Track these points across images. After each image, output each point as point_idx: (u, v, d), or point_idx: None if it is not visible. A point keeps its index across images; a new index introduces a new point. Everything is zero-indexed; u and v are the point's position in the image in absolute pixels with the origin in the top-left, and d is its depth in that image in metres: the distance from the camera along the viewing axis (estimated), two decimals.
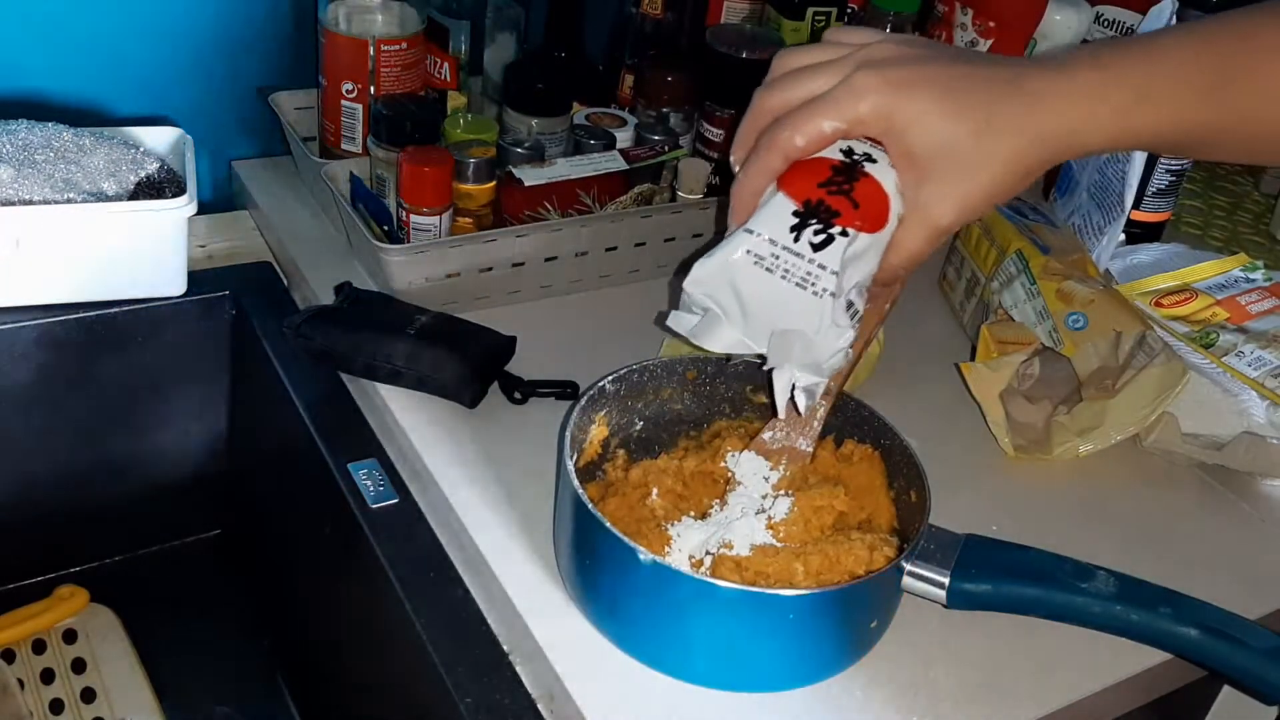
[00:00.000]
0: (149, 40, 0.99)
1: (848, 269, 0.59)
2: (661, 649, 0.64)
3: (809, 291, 0.59)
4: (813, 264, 0.59)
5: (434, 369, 0.80)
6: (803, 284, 0.59)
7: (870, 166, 0.60)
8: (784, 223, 0.60)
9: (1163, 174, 1.08)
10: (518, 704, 0.64)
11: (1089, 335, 0.85)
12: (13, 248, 0.84)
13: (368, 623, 0.79)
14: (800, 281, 0.59)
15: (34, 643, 0.92)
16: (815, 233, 0.59)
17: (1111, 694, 0.68)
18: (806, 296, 0.59)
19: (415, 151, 0.85)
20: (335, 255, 0.96)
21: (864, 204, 0.60)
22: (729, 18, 1.10)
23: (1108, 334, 0.84)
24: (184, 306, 0.93)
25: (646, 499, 0.69)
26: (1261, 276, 1.00)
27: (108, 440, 0.97)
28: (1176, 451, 0.84)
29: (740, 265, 0.60)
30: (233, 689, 0.95)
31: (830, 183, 0.60)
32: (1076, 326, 0.86)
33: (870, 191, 0.60)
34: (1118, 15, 1.06)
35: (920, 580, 0.65)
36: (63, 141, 0.87)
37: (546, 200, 0.91)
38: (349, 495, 0.76)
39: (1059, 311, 0.87)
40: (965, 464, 0.81)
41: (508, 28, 1.06)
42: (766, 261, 0.60)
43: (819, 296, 0.59)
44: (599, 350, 0.85)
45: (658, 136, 0.98)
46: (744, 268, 0.60)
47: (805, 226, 0.59)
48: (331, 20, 0.93)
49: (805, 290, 0.59)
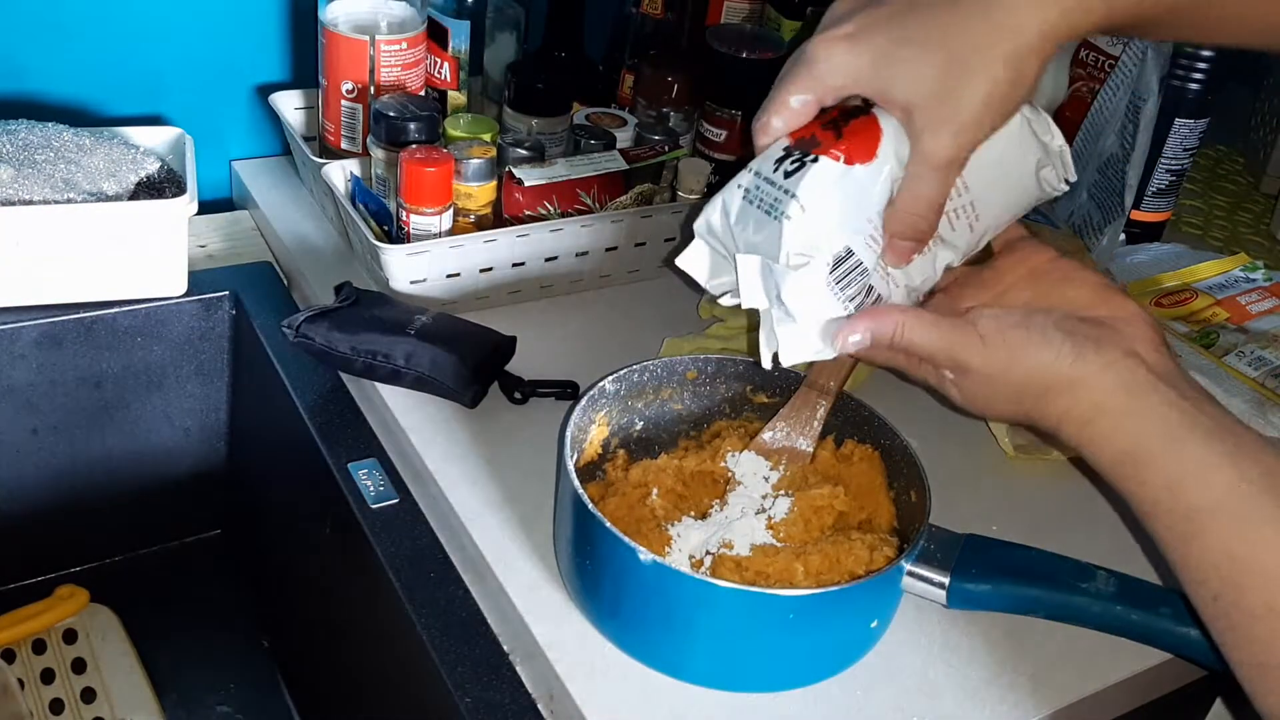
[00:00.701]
0: (149, 40, 0.99)
1: (827, 197, 0.58)
2: (661, 649, 0.64)
3: (772, 216, 0.59)
4: (781, 189, 0.59)
5: (434, 369, 0.80)
6: (770, 210, 0.59)
7: (877, 108, 0.60)
8: (772, 158, 0.60)
9: (1163, 174, 1.08)
10: (517, 704, 0.64)
11: None
12: (13, 248, 0.84)
13: (367, 622, 0.79)
14: (769, 208, 0.59)
15: (34, 643, 0.92)
16: (792, 162, 0.59)
17: (1112, 694, 0.68)
18: (769, 222, 0.59)
19: (415, 151, 0.85)
20: (335, 255, 0.96)
21: (849, 136, 0.59)
22: (729, 17, 1.10)
23: None
24: (184, 306, 0.93)
25: (646, 499, 0.69)
26: (1262, 276, 1.00)
27: (108, 440, 0.97)
28: None
29: (733, 201, 0.61)
30: (232, 688, 0.95)
31: (829, 121, 0.60)
32: None
33: (863, 126, 0.59)
34: None
35: (920, 580, 0.65)
36: (63, 141, 0.87)
37: (546, 200, 0.91)
38: (349, 495, 0.76)
39: None
40: (965, 464, 0.81)
41: (508, 27, 1.06)
42: (750, 194, 0.60)
43: (777, 220, 0.58)
44: (599, 350, 0.85)
45: (658, 136, 0.98)
46: (735, 204, 0.61)
47: (787, 158, 0.59)
48: (331, 20, 0.93)
49: (770, 216, 0.59)
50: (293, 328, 0.82)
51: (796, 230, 0.58)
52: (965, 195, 0.61)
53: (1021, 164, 0.62)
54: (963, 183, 0.61)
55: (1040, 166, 0.63)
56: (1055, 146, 0.64)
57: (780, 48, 1.05)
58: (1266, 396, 0.85)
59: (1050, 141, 0.63)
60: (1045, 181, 0.64)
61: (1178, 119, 1.05)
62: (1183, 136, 1.06)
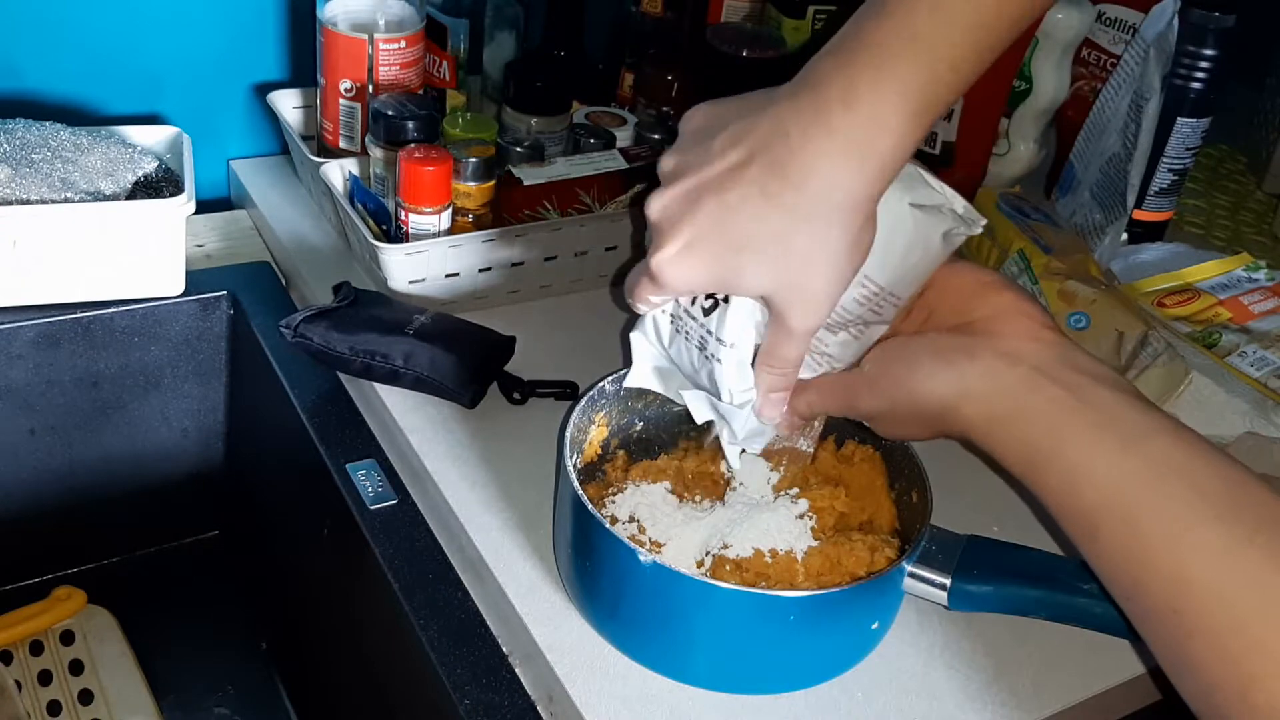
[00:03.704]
0: (147, 39, 0.99)
1: (746, 330, 0.60)
2: (661, 650, 0.64)
3: (704, 354, 0.62)
4: (705, 329, 0.61)
5: (433, 369, 0.79)
6: (701, 348, 0.62)
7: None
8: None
9: (1165, 173, 1.08)
10: (516, 705, 0.64)
11: (1091, 335, 0.85)
12: (10, 248, 0.83)
13: (366, 624, 0.78)
14: (700, 345, 0.62)
15: (31, 644, 0.92)
16: (707, 298, 0.61)
17: (1113, 695, 0.68)
18: (704, 360, 0.62)
19: (414, 150, 0.85)
20: (334, 255, 0.96)
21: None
22: (729, 16, 1.10)
23: (1110, 334, 0.84)
24: (182, 306, 0.93)
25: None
26: (1264, 276, 1.00)
27: (105, 440, 0.97)
28: None
29: (662, 324, 0.64)
30: (230, 690, 0.95)
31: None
32: (1079, 326, 0.86)
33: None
34: (1120, 14, 1.06)
35: (922, 581, 0.64)
36: (60, 141, 0.87)
37: (546, 200, 0.90)
38: (347, 496, 0.76)
39: (1061, 311, 0.87)
40: (967, 465, 0.81)
41: (507, 26, 1.06)
42: (676, 319, 0.63)
43: (709, 361, 0.61)
44: (599, 350, 0.85)
45: (658, 136, 0.98)
46: (665, 328, 0.64)
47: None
48: (330, 18, 0.93)
49: (702, 354, 0.62)
50: (291, 328, 0.81)
51: (730, 368, 0.61)
52: (882, 291, 0.60)
53: (926, 245, 0.60)
54: (874, 283, 0.60)
55: (946, 235, 0.61)
56: (954, 210, 0.60)
57: (780, 47, 1.05)
58: (1269, 397, 0.84)
59: (946, 206, 0.60)
60: (954, 239, 0.61)
61: (1180, 118, 1.05)
62: (1185, 136, 1.06)
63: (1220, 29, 1.02)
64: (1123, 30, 1.06)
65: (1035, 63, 1.06)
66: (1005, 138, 1.10)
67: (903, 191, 0.59)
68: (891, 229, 0.58)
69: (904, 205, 0.59)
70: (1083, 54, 1.09)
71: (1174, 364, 0.81)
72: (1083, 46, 1.08)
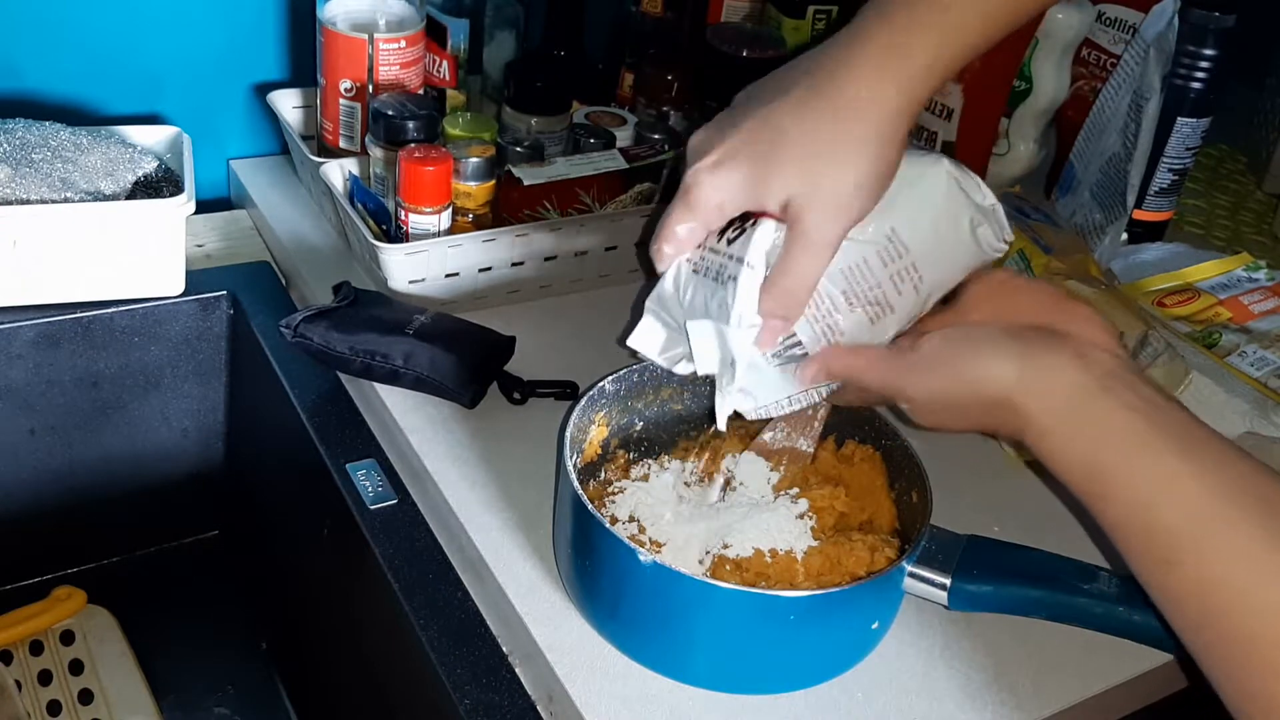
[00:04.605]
0: (147, 38, 0.99)
1: (770, 255, 0.60)
2: (661, 650, 0.64)
3: (720, 282, 0.61)
4: (726, 256, 0.61)
5: (433, 369, 0.79)
6: (718, 276, 0.61)
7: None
8: (713, 234, 0.63)
9: (1165, 173, 1.08)
10: (516, 705, 0.64)
11: None
12: (10, 248, 0.83)
13: (366, 624, 0.78)
14: (716, 274, 0.61)
15: (31, 644, 0.92)
16: (733, 229, 0.61)
17: (1114, 696, 0.68)
18: (718, 288, 0.61)
19: (414, 150, 0.85)
20: (334, 255, 0.96)
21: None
22: (729, 16, 1.10)
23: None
24: (182, 306, 0.93)
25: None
26: (1264, 276, 1.00)
27: (105, 440, 0.96)
28: None
29: (681, 273, 0.63)
30: (230, 690, 0.95)
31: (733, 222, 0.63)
32: None
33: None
34: (1120, 14, 1.06)
35: (922, 581, 0.64)
36: (60, 140, 0.87)
37: (546, 200, 0.90)
38: (347, 496, 0.76)
39: None
40: (967, 465, 0.81)
41: (507, 26, 1.06)
42: (698, 265, 0.62)
43: (724, 285, 0.61)
44: (599, 350, 0.85)
45: (658, 135, 0.98)
46: (684, 275, 0.63)
47: (729, 227, 0.62)
48: (330, 18, 0.93)
49: (718, 282, 0.61)
50: (291, 328, 0.81)
51: (745, 289, 0.60)
52: (906, 257, 0.62)
53: (955, 223, 0.63)
54: (902, 244, 0.61)
55: (975, 225, 0.63)
56: (988, 205, 0.64)
57: (780, 47, 1.05)
58: (1269, 397, 0.84)
59: (982, 201, 0.64)
60: (983, 240, 0.64)
61: (1180, 118, 1.05)
62: (1185, 136, 1.06)
63: (1220, 29, 1.02)
64: (1123, 30, 1.06)
65: (1035, 63, 1.06)
66: (1005, 137, 1.10)
67: (949, 165, 0.62)
68: (927, 191, 0.61)
69: (941, 167, 0.62)
70: (1083, 54, 1.09)
71: (1174, 364, 0.81)
72: (1083, 46, 1.08)
